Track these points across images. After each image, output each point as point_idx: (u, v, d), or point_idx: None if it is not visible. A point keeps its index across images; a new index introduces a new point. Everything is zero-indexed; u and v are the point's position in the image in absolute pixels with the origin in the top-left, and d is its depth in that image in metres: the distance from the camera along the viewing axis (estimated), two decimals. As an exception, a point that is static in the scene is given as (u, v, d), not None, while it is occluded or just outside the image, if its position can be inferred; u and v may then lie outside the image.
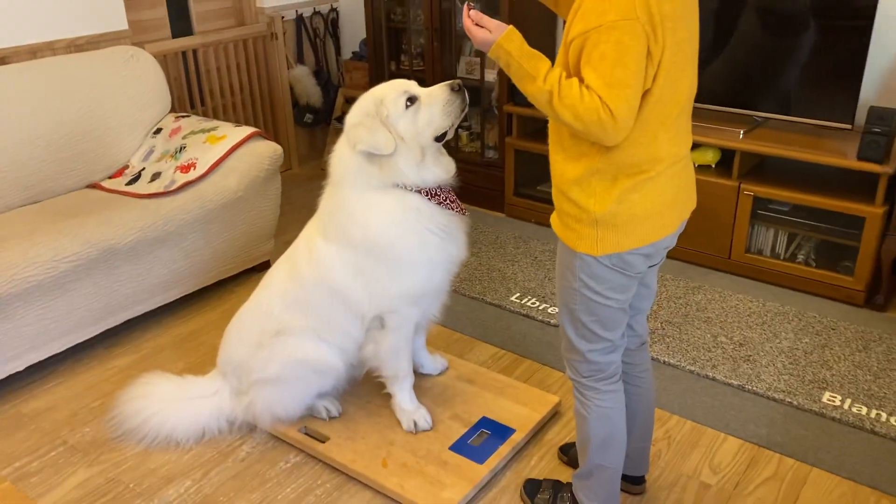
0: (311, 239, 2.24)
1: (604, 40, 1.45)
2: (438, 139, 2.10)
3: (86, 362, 2.81)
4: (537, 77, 1.54)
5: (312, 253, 2.20)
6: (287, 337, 2.26)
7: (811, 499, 2.12)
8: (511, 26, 1.57)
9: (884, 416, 2.40)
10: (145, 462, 2.31)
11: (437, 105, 2.06)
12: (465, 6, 1.66)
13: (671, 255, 3.46)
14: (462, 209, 2.19)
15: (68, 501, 2.16)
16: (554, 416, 2.46)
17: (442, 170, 2.14)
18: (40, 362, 2.77)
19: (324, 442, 2.31)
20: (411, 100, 2.06)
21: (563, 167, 1.67)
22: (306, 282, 2.21)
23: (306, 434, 2.35)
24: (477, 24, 1.60)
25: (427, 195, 2.10)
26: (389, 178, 2.08)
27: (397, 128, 2.04)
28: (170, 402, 2.41)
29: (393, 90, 2.07)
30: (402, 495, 2.11)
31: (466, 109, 2.09)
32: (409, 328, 2.24)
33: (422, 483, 2.13)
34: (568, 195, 1.67)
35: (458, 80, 2.09)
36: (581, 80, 1.50)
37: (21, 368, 2.63)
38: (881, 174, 2.87)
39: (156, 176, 3.16)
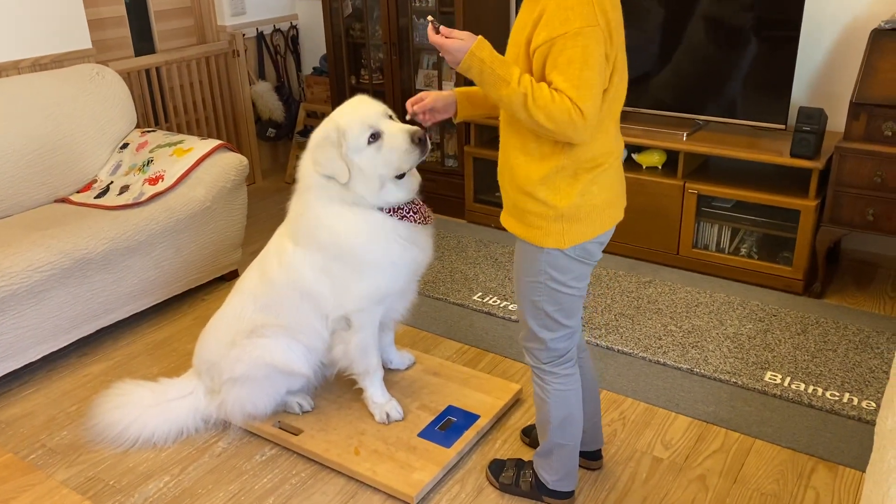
0: (280, 243, 2.34)
1: (570, 46, 1.58)
2: (398, 176, 2.18)
3: (60, 371, 2.87)
4: (511, 81, 1.64)
5: (282, 257, 2.31)
6: (258, 338, 2.36)
7: (754, 467, 2.28)
8: (480, 36, 1.68)
9: (820, 391, 2.59)
10: (124, 461, 2.38)
11: (396, 151, 2.11)
12: (430, 23, 1.70)
13: (624, 253, 3.64)
14: (426, 218, 2.29)
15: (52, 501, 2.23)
16: (516, 402, 2.60)
17: (404, 191, 2.22)
18: (15, 371, 2.82)
19: (297, 434, 2.41)
20: (375, 136, 2.12)
21: (528, 169, 1.77)
22: (277, 284, 2.32)
23: (280, 428, 2.45)
24: (447, 38, 1.68)
25: (389, 211, 2.21)
26: (350, 198, 2.17)
27: (355, 160, 2.11)
28: (147, 407, 2.49)
29: (358, 123, 2.11)
30: (374, 479, 2.22)
31: (426, 155, 2.16)
32: (374, 326, 2.36)
33: (393, 467, 2.25)
34: (534, 195, 1.78)
35: (421, 131, 2.12)
36: (549, 84, 1.64)
37: (-4, 377, 2.69)
38: (813, 169, 3.09)
39: (124, 189, 3.25)
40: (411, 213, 2.24)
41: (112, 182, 3.34)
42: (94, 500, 2.22)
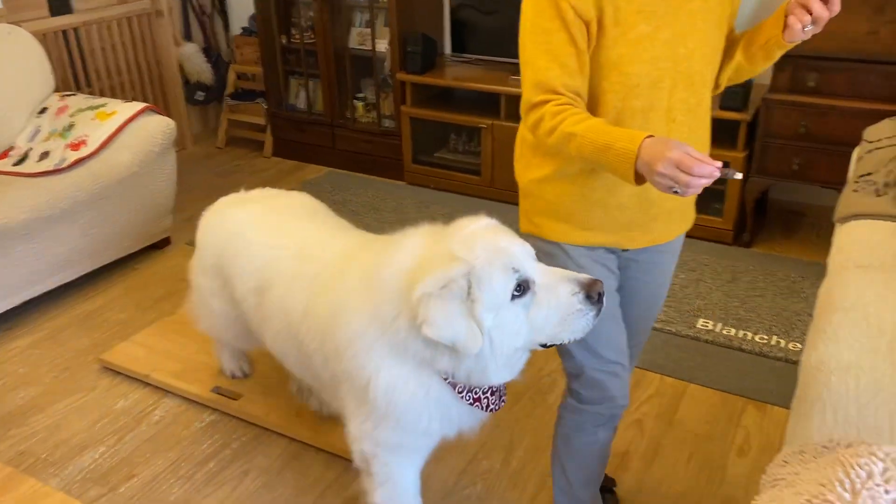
0: (352, 274, 1.60)
1: None
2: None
3: (-16, 345, 2.76)
4: None
5: (340, 298, 1.59)
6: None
7: (688, 409, 2.36)
8: None
9: (749, 335, 2.68)
10: (56, 434, 2.32)
11: (559, 311, 1.38)
12: None
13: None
14: (497, 404, 1.60)
15: (-22, 477, 2.15)
16: (457, 358, 2.62)
17: (510, 372, 1.49)
18: (-65, 348, 2.70)
19: (236, 399, 2.38)
20: (523, 287, 1.37)
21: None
22: (300, 298, 1.72)
23: (219, 393, 2.41)
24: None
25: (462, 391, 1.53)
26: (434, 365, 1.45)
27: (487, 323, 1.36)
28: None
29: (500, 266, 1.35)
30: (316, 441, 2.21)
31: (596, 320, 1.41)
32: (401, 478, 1.75)
33: (334, 427, 2.24)
34: None
35: (600, 283, 1.39)
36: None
37: (-86, 355, 2.56)
38: (741, 121, 3.15)
39: (44, 155, 3.10)
40: (486, 396, 1.56)
41: (31, 148, 3.19)
42: (26, 474, 2.15)
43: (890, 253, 2.12)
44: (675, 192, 1.24)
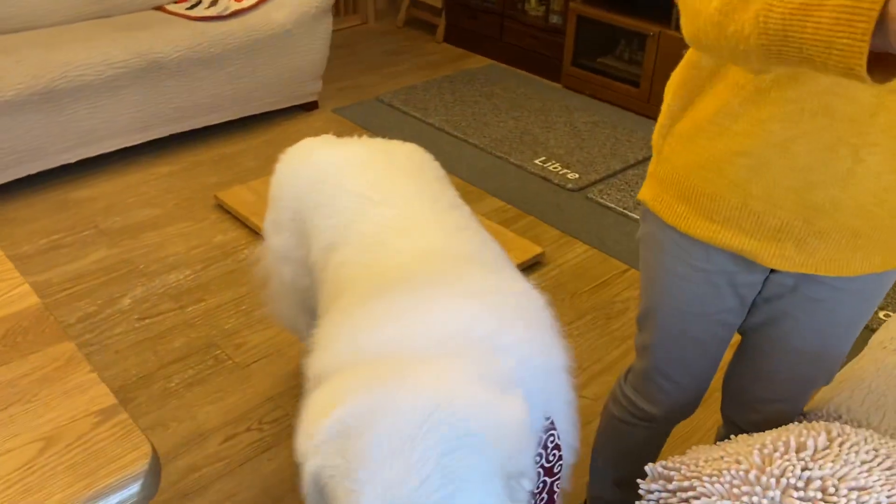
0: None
1: None
2: None
3: (130, 166, 3.09)
4: None
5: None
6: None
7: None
8: None
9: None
10: (158, 251, 2.58)
11: None
12: None
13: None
14: None
15: (85, 272, 2.47)
16: (535, 264, 2.53)
17: None
18: (90, 158, 3.04)
19: (313, 255, 2.48)
20: None
21: None
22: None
23: (300, 247, 2.53)
24: None
25: None
26: None
27: None
28: None
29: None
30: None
31: None
32: None
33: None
34: None
35: None
36: None
37: (73, 161, 2.93)
38: None
39: (214, 2, 3.32)
40: None
41: (206, -5, 3.43)
42: (121, 279, 2.43)
43: None
44: None
